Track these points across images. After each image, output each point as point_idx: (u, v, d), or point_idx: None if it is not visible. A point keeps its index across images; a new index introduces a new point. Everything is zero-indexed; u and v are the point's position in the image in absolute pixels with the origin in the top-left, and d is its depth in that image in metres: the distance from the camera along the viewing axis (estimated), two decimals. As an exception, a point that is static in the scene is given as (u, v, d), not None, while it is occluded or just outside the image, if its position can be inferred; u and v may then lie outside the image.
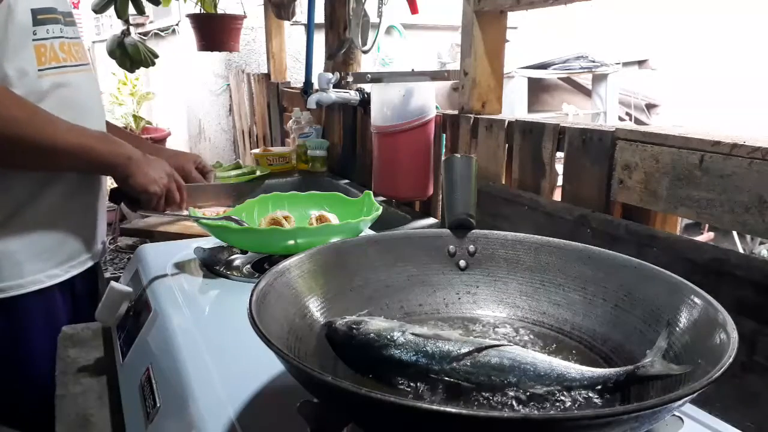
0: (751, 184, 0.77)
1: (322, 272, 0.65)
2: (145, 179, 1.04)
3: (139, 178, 1.03)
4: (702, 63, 4.47)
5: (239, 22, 2.59)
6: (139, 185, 1.04)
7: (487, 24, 1.30)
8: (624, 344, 0.59)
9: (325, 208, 1.09)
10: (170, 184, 1.08)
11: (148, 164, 1.05)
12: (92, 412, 0.78)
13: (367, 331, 0.55)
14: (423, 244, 0.72)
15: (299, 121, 2.20)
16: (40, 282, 1.04)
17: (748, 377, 0.73)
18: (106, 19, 5.01)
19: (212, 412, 0.58)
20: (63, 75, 1.03)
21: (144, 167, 1.04)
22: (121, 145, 1.04)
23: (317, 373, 0.42)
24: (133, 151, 1.04)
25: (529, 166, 1.17)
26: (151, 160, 1.07)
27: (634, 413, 0.39)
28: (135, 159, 1.03)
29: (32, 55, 0.97)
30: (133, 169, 1.03)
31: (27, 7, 0.96)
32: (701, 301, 0.53)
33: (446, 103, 2.78)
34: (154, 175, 1.05)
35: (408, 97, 1.43)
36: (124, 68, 2.63)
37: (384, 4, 1.75)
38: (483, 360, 0.52)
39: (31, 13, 0.96)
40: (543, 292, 0.67)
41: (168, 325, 0.77)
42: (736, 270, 0.75)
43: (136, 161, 1.03)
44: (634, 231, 0.90)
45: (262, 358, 0.51)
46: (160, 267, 0.95)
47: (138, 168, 1.03)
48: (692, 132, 0.88)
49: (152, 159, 1.08)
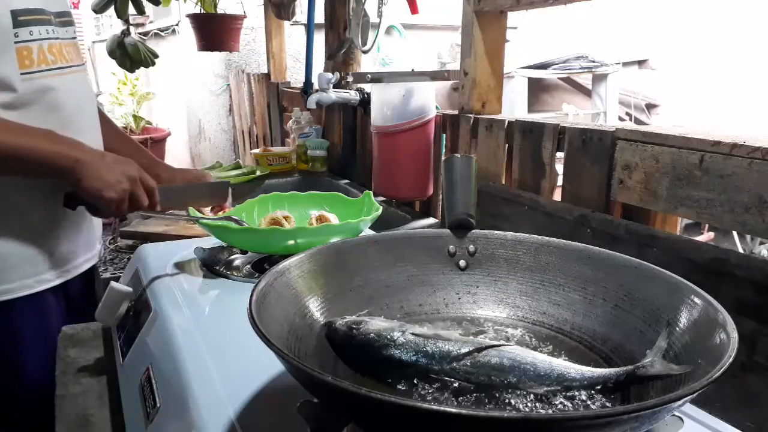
0: (751, 184, 0.77)
1: (322, 272, 0.65)
2: (99, 183, 0.92)
3: (91, 182, 0.92)
4: (702, 63, 4.47)
5: (239, 22, 2.59)
6: (90, 190, 0.92)
7: (487, 24, 1.30)
8: (624, 344, 0.59)
9: (325, 208, 1.09)
10: (134, 187, 0.96)
11: (104, 167, 0.94)
12: (92, 412, 0.78)
13: (367, 331, 0.55)
14: (423, 244, 0.72)
15: (299, 121, 2.20)
16: (30, 287, 1.01)
17: (748, 377, 0.73)
18: (106, 19, 5.00)
19: (212, 412, 0.58)
20: (52, 78, 1.00)
21: (98, 170, 0.93)
22: (69, 145, 0.94)
23: (317, 373, 0.42)
24: (85, 153, 0.94)
25: (529, 166, 1.17)
26: (108, 162, 0.95)
27: (634, 413, 0.39)
28: (85, 161, 0.92)
29: (13, 58, 0.93)
30: (84, 173, 0.92)
31: (6, 9, 0.92)
32: (701, 301, 0.53)
33: (446, 103, 2.78)
34: (110, 179, 0.93)
35: (408, 97, 1.43)
36: (124, 68, 2.63)
37: (384, 4, 1.75)
38: (483, 360, 0.52)
39: (11, 14, 0.93)
40: (543, 292, 0.68)
41: (168, 325, 0.77)
42: (736, 270, 0.75)
43: (88, 163, 0.92)
44: (634, 231, 0.90)
45: (262, 358, 0.51)
46: (160, 267, 0.95)
47: (89, 171, 0.92)
48: (692, 132, 0.88)
49: (111, 160, 0.96)
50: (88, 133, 1.08)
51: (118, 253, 1.28)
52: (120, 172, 0.95)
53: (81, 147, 0.96)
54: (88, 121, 1.11)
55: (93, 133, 1.12)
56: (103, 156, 0.97)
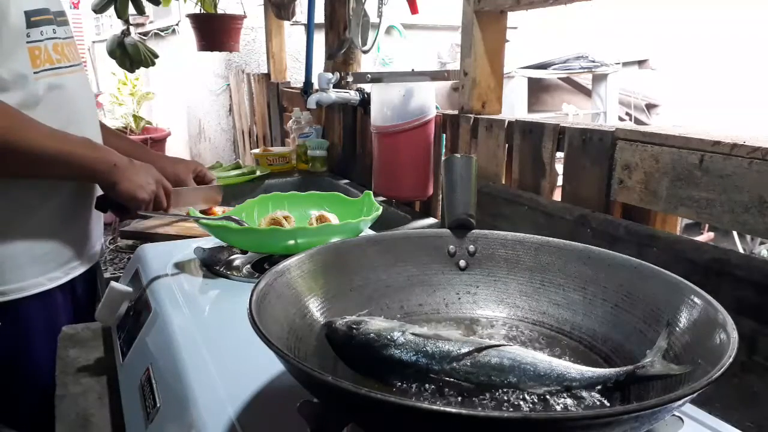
0: (751, 184, 0.77)
1: (322, 272, 0.65)
2: (132, 186, 1.01)
3: (125, 184, 1.00)
4: (702, 63, 4.47)
5: (239, 22, 2.59)
6: (126, 192, 1.00)
7: (487, 24, 1.30)
8: (624, 344, 0.59)
9: (325, 208, 1.09)
10: (158, 189, 1.05)
11: (134, 170, 1.02)
12: (92, 413, 0.78)
13: (367, 331, 0.55)
14: (423, 244, 0.72)
15: (299, 121, 2.20)
16: (41, 285, 1.03)
17: (748, 377, 0.73)
18: (106, 19, 5.00)
19: (212, 412, 0.58)
20: (57, 77, 1.02)
21: (130, 174, 1.01)
22: (105, 151, 1.01)
23: (317, 373, 0.42)
24: (119, 158, 1.01)
25: (529, 166, 1.17)
26: (137, 165, 1.04)
27: (634, 413, 0.39)
28: (120, 165, 1.00)
29: (26, 57, 0.96)
30: (119, 176, 1.00)
31: (20, 9, 0.94)
32: (701, 301, 0.53)
33: (446, 103, 2.78)
34: (141, 181, 1.02)
35: (408, 97, 1.43)
36: (124, 68, 2.63)
37: (384, 4, 1.74)
38: (483, 360, 0.52)
39: (25, 15, 0.95)
40: (543, 292, 0.67)
41: (168, 325, 0.76)
42: (736, 270, 0.75)
43: (122, 168, 1.00)
44: (634, 231, 0.90)
45: (262, 358, 0.51)
46: (160, 267, 0.95)
47: (124, 174, 1.00)
48: (692, 132, 0.88)
49: (138, 164, 1.04)
50: (90, 129, 1.10)
51: (118, 253, 1.28)
52: (148, 175, 1.04)
53: (115, 153, 1.02)
54: (90, 119, 1.14)
55: (95, 129, 1.14)
56: (131, 160, 1.04)
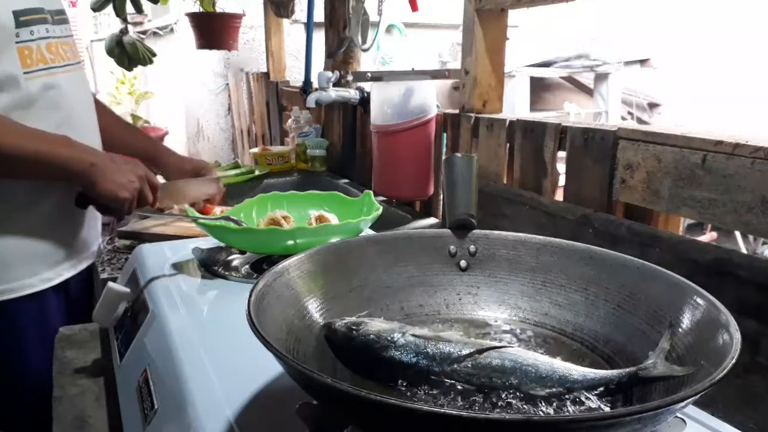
0: (753, 184, 0.77)
1: (321, 273, 0.64)
2: (113, 185, 0.97)
3: (105, 184, 0.96)
4: (704, 61, 4.46)
5: (238, 20, 2.59)
6: (105, 192, 0.97)
7: (488, 22, 1.30)
8: (626, 345, 0.58)
9: (324, 207, 1.08)
10: (142, 185, 1.01)
11: (115, 169, 0.98)
12: (89, 414, 0.78)
13: (367, 332, 0.55)
14: (423, 245, 0.71)
15: (298, 120, 2.20)
16: (33, 286, 1.02)
17: (750, 378, 0.73)
18: (105, 18, 5.01)
19: (210, 414, 0.57)
20: (52, 77, 1.00)
21: (110, 173, 0.97)
22: (83, 150, 0.98)
23: (317, 374, 0.41)
24: (98, 156, 0.98)
25: (530, 166, 1.16)
26: (119, 163, 1.00)
27: (636, 415, 0.38)
28: (99, 164, 0.96)
29: (15, 57, 0.94)
30: (98, 176, 0.96)
31: (8, 9, 0.93)
32: (704, 301, 0.53)
33: (447, 102, 2.77)
34: (122, 180, 0.98)
35: (408, 96, 1.43)
36: (123, 67, 2.63)
37: (384, 2, 1.74)
38: (484, 361, 0.52)
39: (13, 15, 0.94)
40: (544, 293, 0.67)
41: (166, 326, 0.76)
42: (738, 270, 0.74)
43: (101, 167, 0.96)
44: (636, 231, 0.89)
45: (260, 359, 0.50)
46: (157, 267, 0.95)
47: (103, 174, 0.96)
48: (694, 131, 0.87)
49: (120, 162, 1.00)
50: (87, 129, 1.09)
51: (115, 254, 1.27)
52: (130, 172, 1.00)
53: (94, 151, 1.00)
54: (87, 118, 1.13)
55: (92, 129, 1.13)
56: (113, 158, 1.01)
